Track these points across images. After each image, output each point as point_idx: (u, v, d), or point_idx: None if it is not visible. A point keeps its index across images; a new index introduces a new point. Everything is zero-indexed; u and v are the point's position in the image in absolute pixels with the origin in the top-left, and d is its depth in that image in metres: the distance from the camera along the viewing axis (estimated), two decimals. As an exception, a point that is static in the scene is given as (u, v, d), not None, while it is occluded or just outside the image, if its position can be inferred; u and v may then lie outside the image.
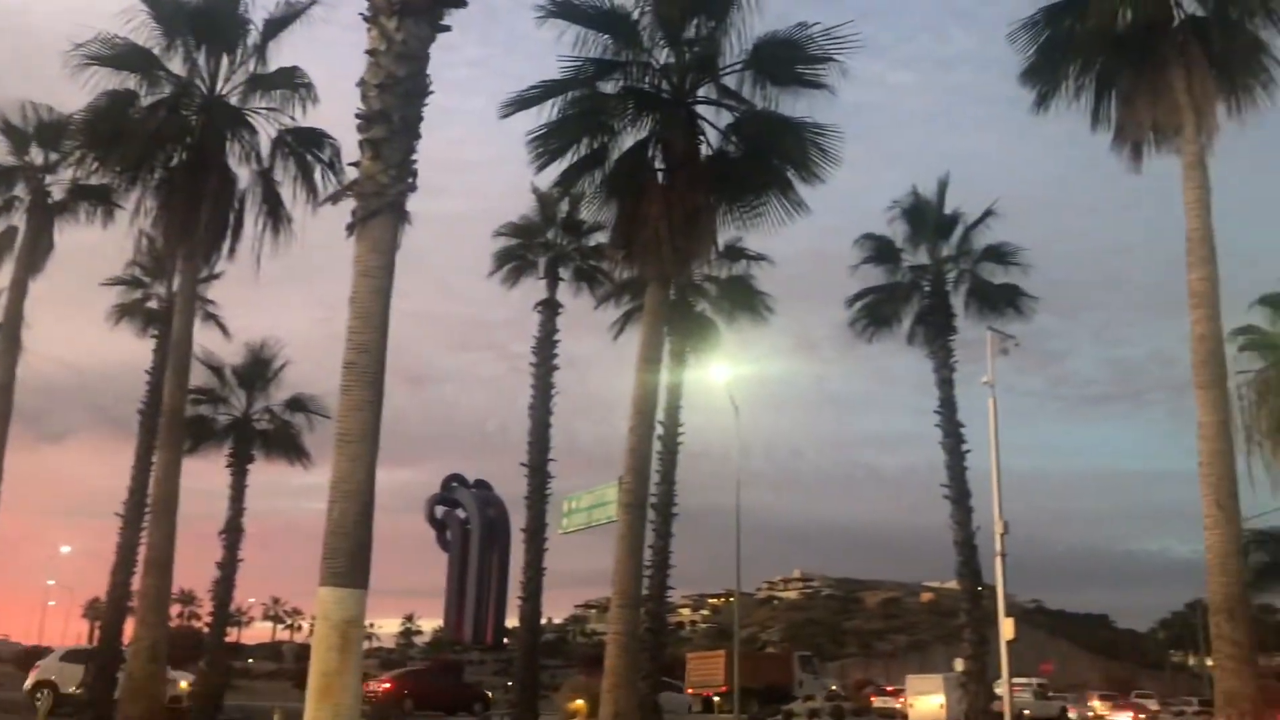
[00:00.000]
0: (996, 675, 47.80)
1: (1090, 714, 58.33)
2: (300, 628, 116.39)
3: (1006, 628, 46.76)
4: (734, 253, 24.93)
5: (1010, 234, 23.72)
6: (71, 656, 28.45)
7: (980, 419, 48.46)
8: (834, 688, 54.20)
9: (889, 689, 59.38)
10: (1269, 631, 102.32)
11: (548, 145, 15.29)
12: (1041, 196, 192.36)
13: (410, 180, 9.51)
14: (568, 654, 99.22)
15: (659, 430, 24.48)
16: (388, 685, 36.48)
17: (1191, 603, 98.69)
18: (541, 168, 15.76)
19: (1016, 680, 55.57)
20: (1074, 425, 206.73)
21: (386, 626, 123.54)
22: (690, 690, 48.88)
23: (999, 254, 23.22)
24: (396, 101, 9.42)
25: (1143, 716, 56.56)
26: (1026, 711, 50.61)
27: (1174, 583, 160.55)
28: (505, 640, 59.83)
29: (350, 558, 8.59)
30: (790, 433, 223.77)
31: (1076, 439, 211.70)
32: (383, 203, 9.18)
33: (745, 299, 25.12)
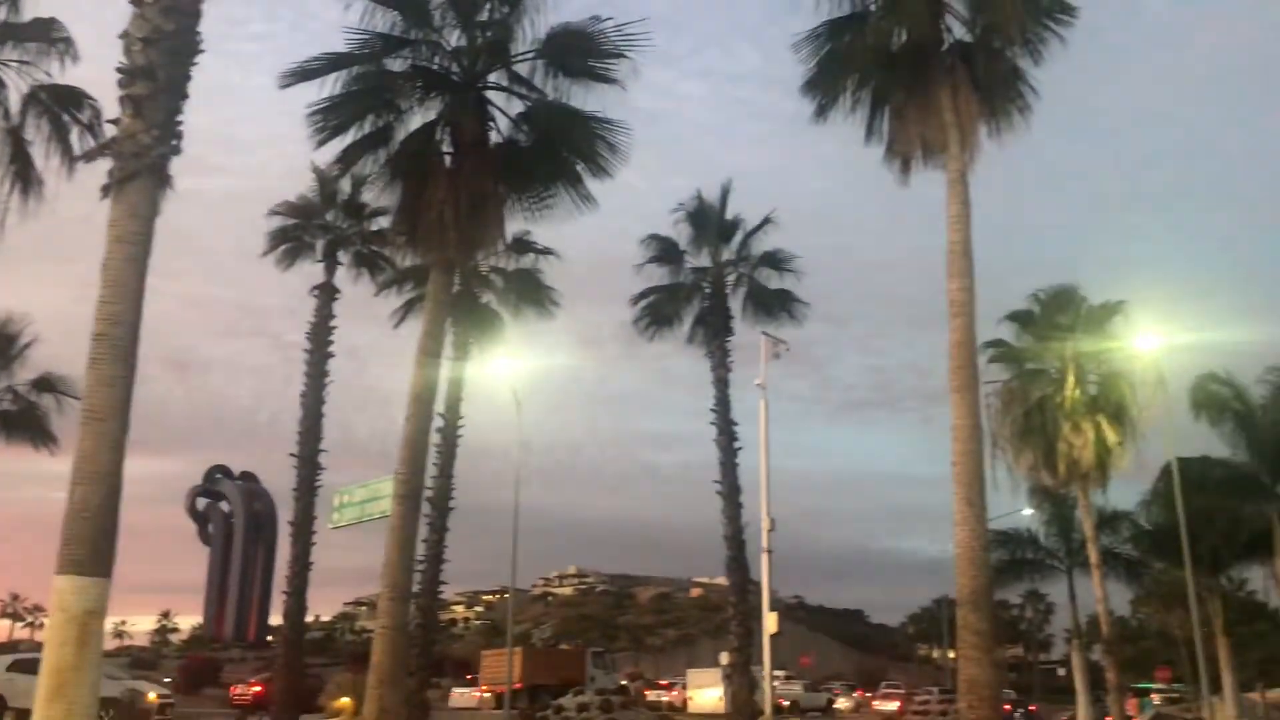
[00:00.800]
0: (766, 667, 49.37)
1: (849, 704, 61.54)
2: (42, 625, 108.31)
3: (770, 622, 48.55)
4: (522, 245, 24.75)
5: (787, 244, 24.67)
6: (21, 666, 25.29)
7: (753, 419, 50.03)
8: (624, 682, 55.18)
9: (661, 683, 60.86)
10: (1004, 625, 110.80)
11: (329, 120, 14.66)
12: (817, 211, 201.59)
13: (174, 143, 8.88)
14: (335, 652, 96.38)
15: (438, 423, 24.00)
16: (258, 689, 34.62)
17: (938, 599, 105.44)
18: (321, 143, 15.10)
19: (782, 673, 58.47)
20: (837, 428, 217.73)
21: (140, 624, 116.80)
22: (485, 687, 48.81)
23: (775, 260, 24.00)
24: (162, 58, 8.77)
25: (910, 707, 60.07)
26: (797, 703, 53.26)
27: (924, 580, 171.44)
28: (269, 638, 57.46)
29: (92, 544, 7.95)
30: (571, 430, 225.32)
31: (839, 442, 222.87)
32: (142, 164, 8.53)
33: (532, 293, 24.98)
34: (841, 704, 61.01)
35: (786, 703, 53.34)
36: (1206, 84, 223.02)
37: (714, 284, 24.29)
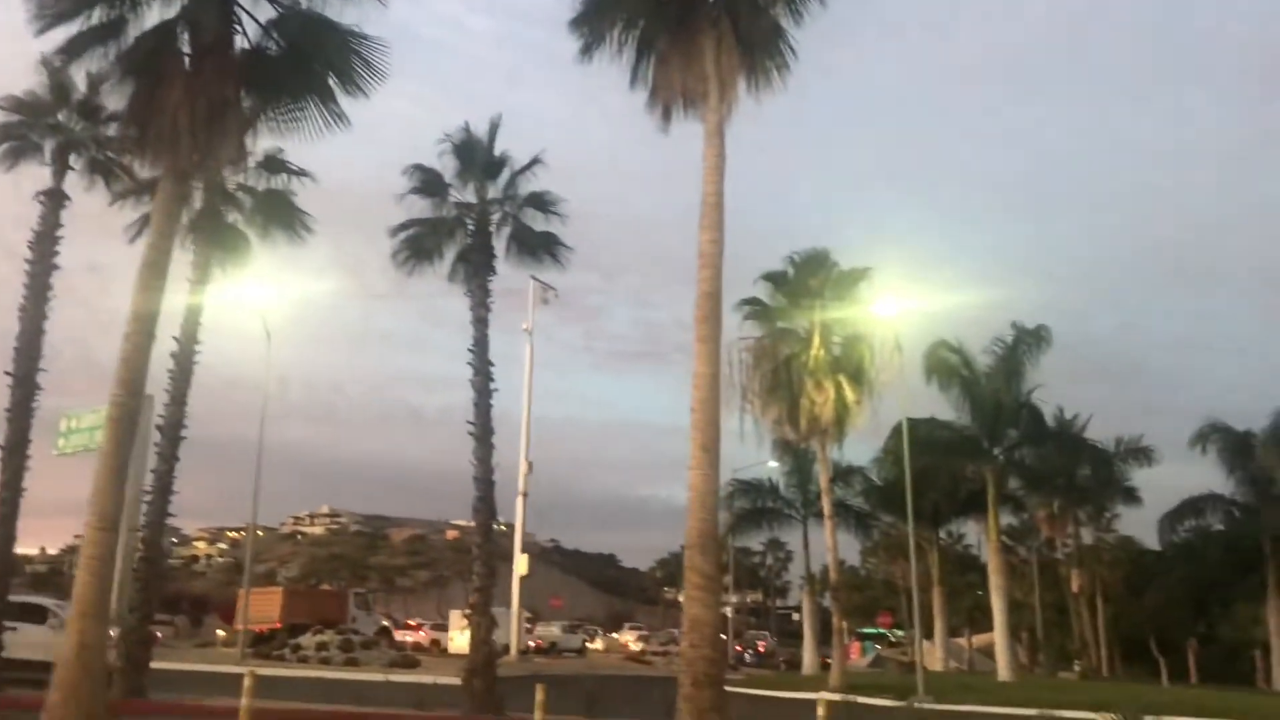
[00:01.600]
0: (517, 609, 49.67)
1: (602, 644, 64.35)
2: None
3: (521, 564, 49.03)
4: (274, 164, 23.38)
5: (564, 190, 24.29)
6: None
7: (521, 365, 49.83)
8: (385, 624, 54.57)
9: (411, 623, 60.74)
10: (746, 572, 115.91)
11: (52, 5, 13.32)
12: (596, 160, 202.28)
13: None
14: (62, 586, 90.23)
15: (172, 347, 22.53)
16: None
17: (684, 545, 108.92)
18: (44, 30, 13.69)
19: (528, 615, 59.61)
20: (605, 378, 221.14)
21: None
22: (236, 626, 47.40)
23: (542, 202, 23.73)
24: None
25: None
26: (555, 644, 55.39)
27: (675, 526, 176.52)
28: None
29: None
30: (333, 367, 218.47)
31: (607, 391, 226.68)
32: None
33: (283, 215, 23.67)
34: (597, 644, 63.36)
35: (545, 643, 55.07)
36: (968, 71, 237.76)
37: (478, 221, 23.77)
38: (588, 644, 61.88)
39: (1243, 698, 37.42)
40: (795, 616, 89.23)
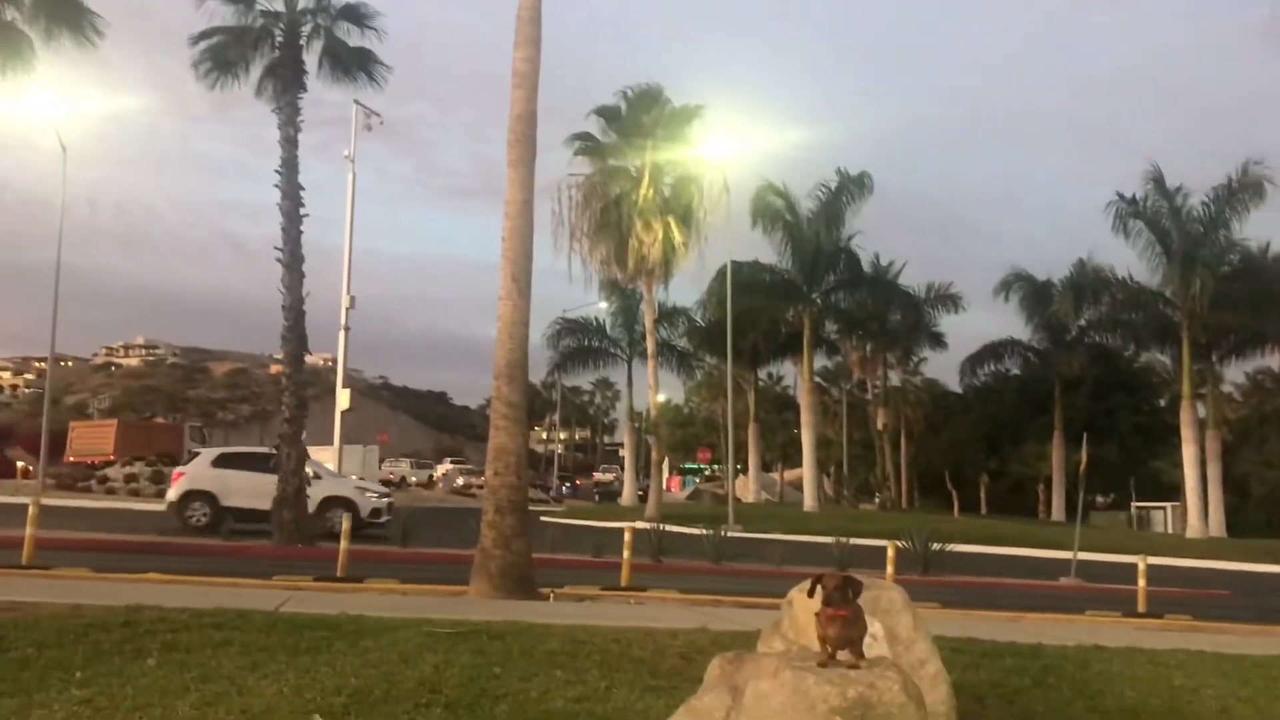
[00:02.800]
0: (334, 442, 49.19)
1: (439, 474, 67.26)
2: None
3: (343, 398, 48.26)
4: (54, -44, 21.15)
5: (389, 13, 22.86)
6: (228, 461, 24.35)
7: (344, 195, 47.91)
8: None
9: None
10: (575, 410, 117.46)
11: None
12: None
13: None
14: None
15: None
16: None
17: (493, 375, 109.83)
18: None
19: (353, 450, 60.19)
20: (440, 214, 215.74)
21: None
22: (73, 459, 45.66)
23: (356, 14, 22.27)
24: None
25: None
26: (405, 478, 58.25)
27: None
28: None
29: None
30: (149, 192, 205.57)
31: (441, 227, 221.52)
32: None
33: (67, 14, 21.52)
34: (437, 474, 67.60)
35: (396, 477, 57.13)
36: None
37: (286, 32, 22.13)
38: (434, 478, 64.67)
39: (1023, 526, 40.76)
40: (622, 452, 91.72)
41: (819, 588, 4.52)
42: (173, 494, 24.23)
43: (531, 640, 7.49)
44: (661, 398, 48.23)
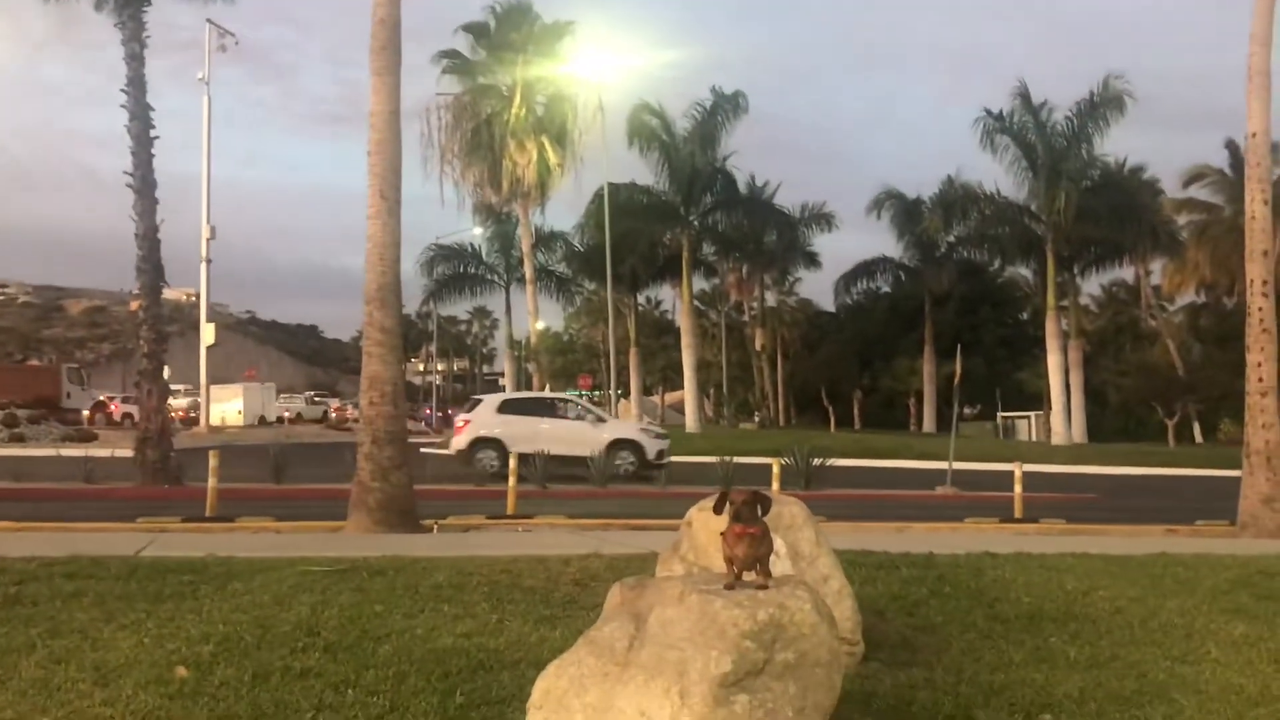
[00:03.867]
0: (198, 380, 47.25)
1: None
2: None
3: (207, 332, 46.32)
4: None
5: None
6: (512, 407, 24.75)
7: (200, 121, 45.34)
8: (101, 399, 51.23)
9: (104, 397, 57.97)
10: (453, 340, 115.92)
11: None
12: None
13: None
14: None
15: None
16: None
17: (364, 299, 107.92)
18: None
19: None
20: (304, 141, 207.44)
21: None
22: None
23: (201, -81, 20.74)
24: None
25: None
26: (300, 414, 60.10)
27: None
28: None
29: None
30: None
31: (306, 155, 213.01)
32: None
33: None
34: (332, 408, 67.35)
35: (293, 414, 59.08)
36: None
37: (124, -61, 20.49)
38: (328, 412, 64.90)
39: (898, 439, 41.85)
40: (501, 382, 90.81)
41: (727, 504, 4.25)
42: (461, 442, 23.77)
43: (415, 575, 7.09)
44: (541, 325, 47.69)
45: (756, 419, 59.46)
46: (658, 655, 4.02)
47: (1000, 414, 58.30)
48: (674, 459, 27.70)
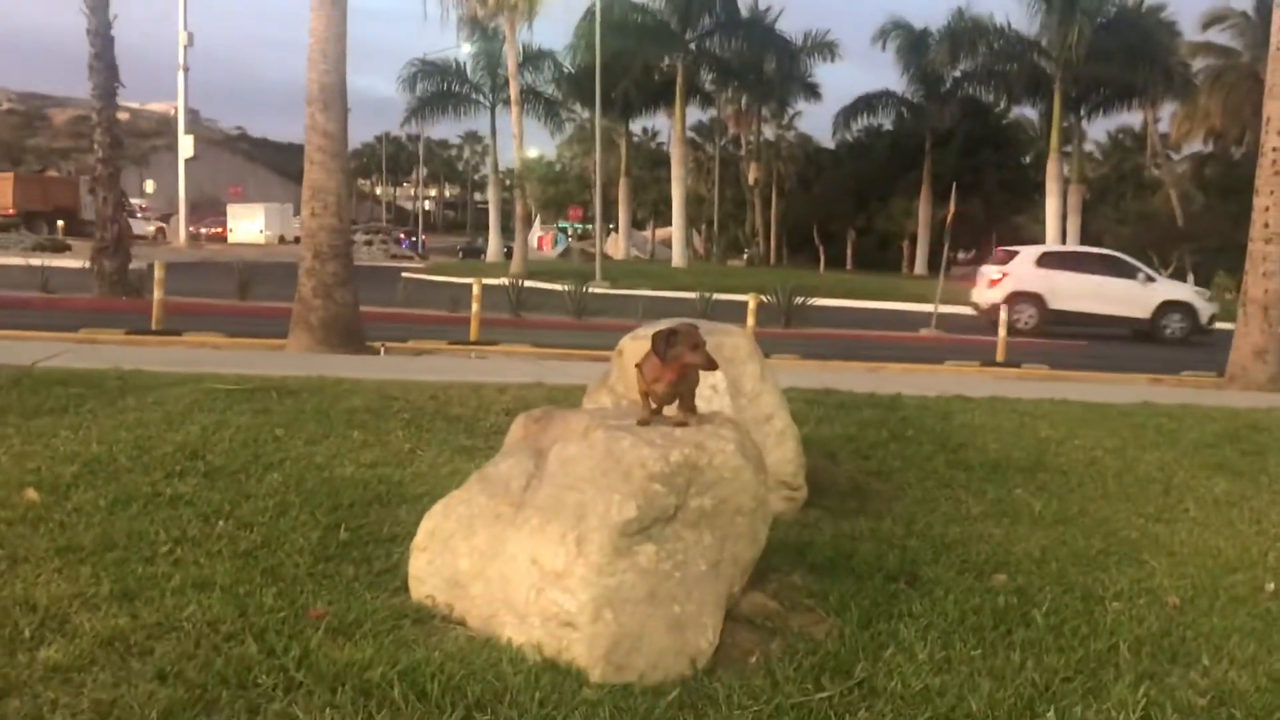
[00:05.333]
0: (175, 205, 46.06)
1: None
2: None
3: (185, 145, 44.94)
4: None
5: None
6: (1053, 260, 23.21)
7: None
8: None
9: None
10: (443, 164, 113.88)
11: None
12: None
13: None
14: None
15: None
16: None
17: (379, 135, 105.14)
18: None
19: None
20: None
21: None
22: None
23: None
24: None
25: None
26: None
27: (374, 117, 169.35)
28: None
29: None
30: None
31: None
32: None
33: None
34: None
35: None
36: None
37: None
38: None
39: (887, 281, 41.23)
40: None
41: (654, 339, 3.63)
42: (995, 296, 21.88)
43: (331, 397, 6.50)
44: (534, 152, 46.19)
45: (746, 256, 58.61)
46: (555, 497, 3.46)
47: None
48: (656, 293, 27.16)
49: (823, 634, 3.44)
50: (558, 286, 23.92)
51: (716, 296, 21.94)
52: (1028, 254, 23.72)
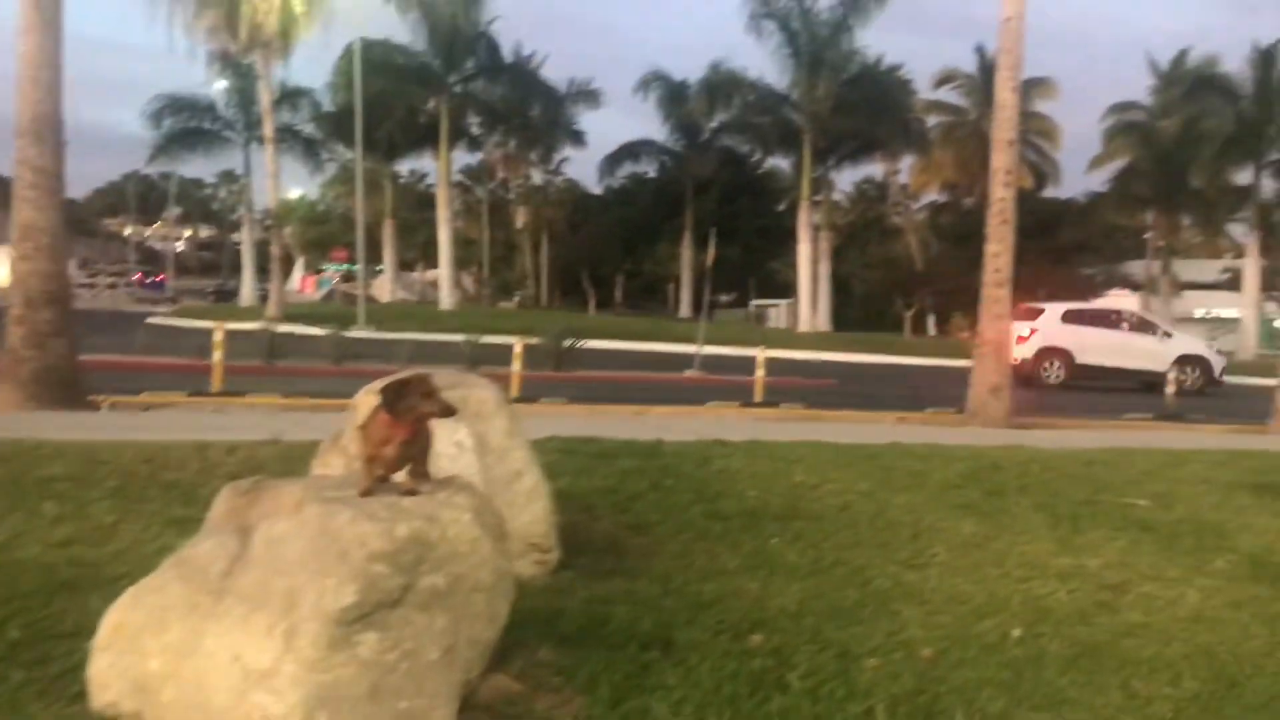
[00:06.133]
0: None
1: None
2: None
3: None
4: None
5: None
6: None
7: None
8: None
9: None
10: (198, 205, 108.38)
11: None
12: None
13: None
14: None
15: None
16: None
17: (127, 174, 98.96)
18: None
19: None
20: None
21: None
22: None
23: None
24: None
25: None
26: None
27: (120, 154, 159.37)
28: None
29: None
30: None
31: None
32: None
33: None
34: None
35: None
36: None
37: None
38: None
39: (654, 322, 41.96)
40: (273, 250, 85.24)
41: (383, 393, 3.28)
42: (1026, 351, 22.39)
43: (26, 464, 5.72)
44: (296, 192, 44.32)
45: (516, 299, 58.41)
46: (262, 583, 3.02)
47: (754, 301, 59.71)
48: (421, 336, 26.48)
49: (569, 717, 3.15)
50: (317, 331, 22.94)
51: (485, 339, 21.56)
52: (1053, 311, 24.35)
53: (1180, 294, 49.83)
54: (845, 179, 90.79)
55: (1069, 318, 24.04)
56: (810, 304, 42.85)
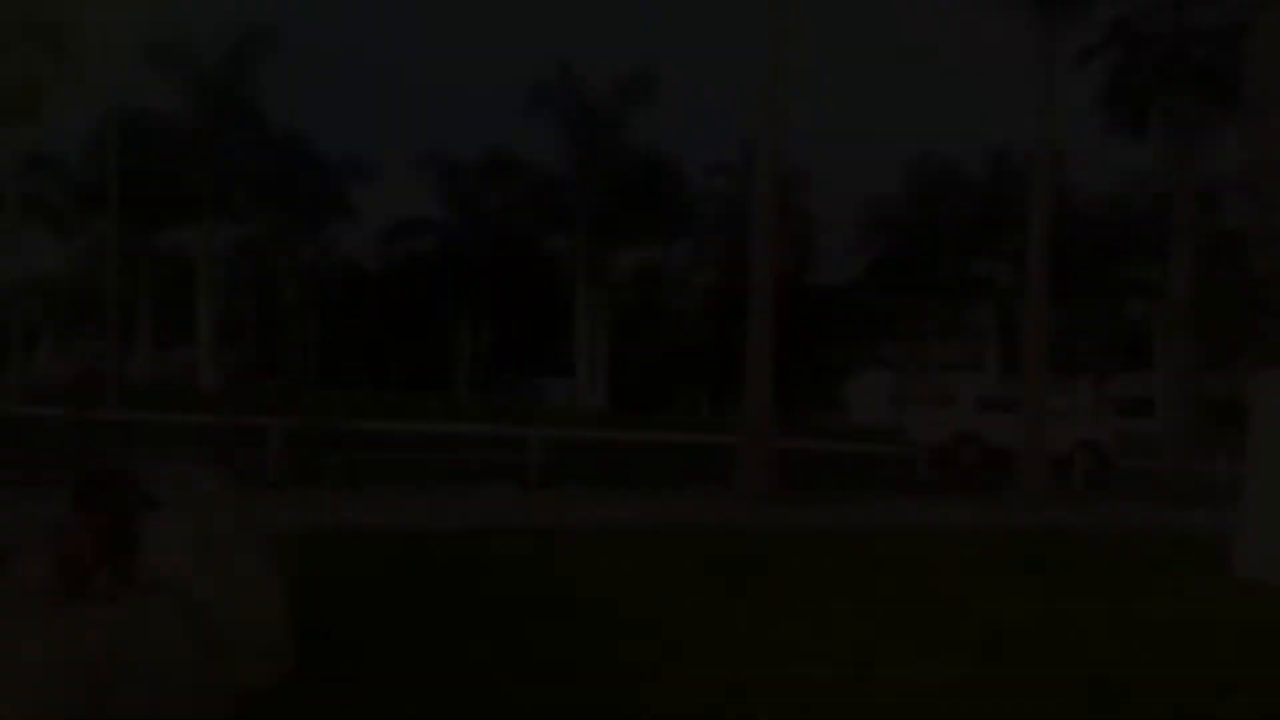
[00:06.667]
0: None
1: None
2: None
3: None
4: None
5: None
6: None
7: None
8: None
9: None
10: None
11: None
12: None
13: None
14: None
15: None
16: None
17: None
18: None
19: None
20: None
21: None
22: None
23: None
24: None
25: None
26: None
27: None
28: None
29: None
30: None
31: None
32: None
33: None
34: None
35: None
36: None
37: None
38: None
39: (426, 400, 41.12)
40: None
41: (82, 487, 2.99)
42: (943, 436, 23.38)
43: None
44: (44, 263, 40.86)
45: (283, 377, 56.14)
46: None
47: (534, 379, 59.70)
48: (176, 417, 24.98)
49: None
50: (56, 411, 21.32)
51: (247, 420, 20.54)
52: (965, 397, 25.48)
53: (930, 373, 53.21)
54: (626, 260, 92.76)
55: (980, 404, 25.05)
56: (589, 382, 43.23)
